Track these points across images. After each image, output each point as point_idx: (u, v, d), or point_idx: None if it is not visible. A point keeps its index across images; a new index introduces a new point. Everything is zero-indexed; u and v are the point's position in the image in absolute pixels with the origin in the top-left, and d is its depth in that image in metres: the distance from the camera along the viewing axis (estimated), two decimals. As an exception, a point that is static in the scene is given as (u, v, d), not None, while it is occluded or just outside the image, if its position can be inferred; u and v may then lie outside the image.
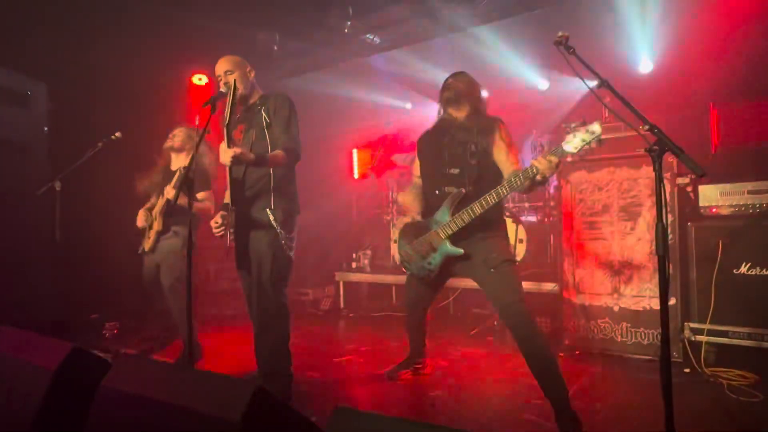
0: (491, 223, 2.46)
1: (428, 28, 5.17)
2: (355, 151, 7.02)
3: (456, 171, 2.45)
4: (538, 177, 2.14)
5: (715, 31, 4.15)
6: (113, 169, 3.95)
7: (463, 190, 2.40)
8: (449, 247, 2.41)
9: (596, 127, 2.05)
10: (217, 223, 2.56)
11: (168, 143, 3.51)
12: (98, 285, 4.39)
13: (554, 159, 2.10)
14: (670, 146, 1.61)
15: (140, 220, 3.48)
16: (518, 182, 2.21)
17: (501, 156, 2.43)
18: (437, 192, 2.50)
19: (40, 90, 4.13)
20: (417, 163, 2.79)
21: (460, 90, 2.54)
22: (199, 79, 5.59)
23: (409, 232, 2.63)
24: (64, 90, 4.33)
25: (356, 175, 6.96)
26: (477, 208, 2.30)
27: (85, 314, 4.35)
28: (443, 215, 2.43)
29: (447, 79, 2.63)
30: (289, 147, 2.59)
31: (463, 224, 2.35)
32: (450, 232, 2.40)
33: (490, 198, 2.27)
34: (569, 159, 3.84)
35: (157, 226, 3.39)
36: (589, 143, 2.05)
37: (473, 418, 2.55)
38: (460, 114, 2.57)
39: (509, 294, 2.34)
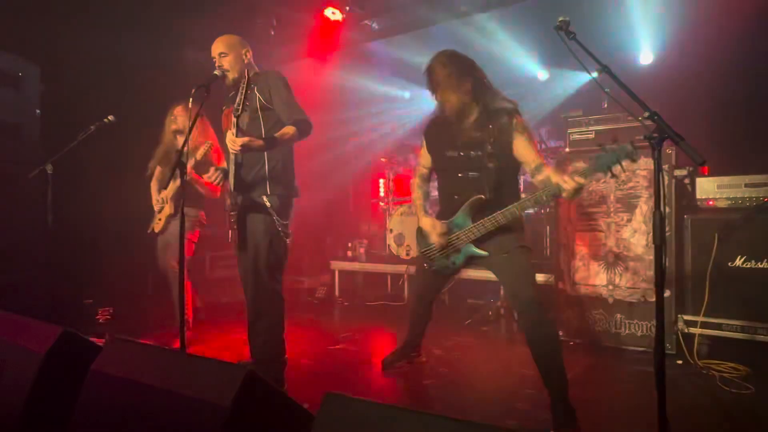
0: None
1: (428, 14, 5.10)
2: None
3: (474, 175, 2.39)
4: (564, 195, 2.11)
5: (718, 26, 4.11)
6: (106, 152, 3.90)
7: (483, 197, 2.35)
8: (474, 250, 2.41)
9: (629, 147, 1.98)
10: (210, 177, 2.61)
11: (173, 126, 3.47)
12: (92, 270, 4.35)
13: (582, 181, 2.06)
14: (669, 133, 1.57)
15: (154, 192, 3.54)
16: (543, 199, 2.27)
17: (523, 151, 2.34)
18: (456, 197, 2.44)
19: (32, 72, 4.05)
20: (425, 153, 2.70)
21: (437, 79, 2.40)
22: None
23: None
24: (57, 72, 4.26)
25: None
26: (501, 218, 2.30)
27: (78, 299, 4.32)
28: (464, 220, 2.41)
29: (427, 64, 2.48)
30: (299, 119, 2.53)
31: (486, 231, 2.35)
32: (473, 237, 2.39)
33: (515, 209, 2.28)
34: (566, 150, 3.83)
35: (168, 209, 3.44)
36: (620, 163, 1.99)
37: (466, 407, 2.56)
38: (450, 103, 2.40)
39: (520, 279, 2.33)
